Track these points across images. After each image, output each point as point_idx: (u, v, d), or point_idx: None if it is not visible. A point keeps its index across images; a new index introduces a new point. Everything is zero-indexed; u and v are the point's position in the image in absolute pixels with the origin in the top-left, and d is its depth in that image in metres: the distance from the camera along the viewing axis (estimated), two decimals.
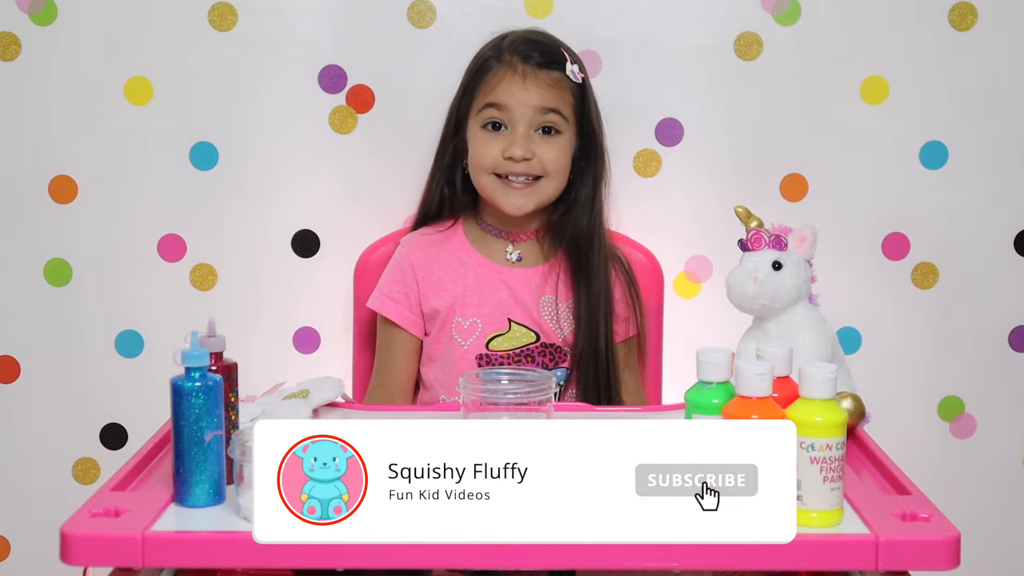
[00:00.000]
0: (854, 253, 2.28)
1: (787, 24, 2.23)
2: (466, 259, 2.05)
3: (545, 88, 1.98)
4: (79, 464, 2.29)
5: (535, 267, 2.04)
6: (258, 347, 2.23)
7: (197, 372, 1.36)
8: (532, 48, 2.00)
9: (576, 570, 1.37)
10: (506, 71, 1.98)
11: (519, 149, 1.96)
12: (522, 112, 1.97)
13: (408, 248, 2.06)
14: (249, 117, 2.23)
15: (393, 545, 1.28)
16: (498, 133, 1.99)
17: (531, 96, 1.97)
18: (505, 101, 1.97)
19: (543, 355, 2.01)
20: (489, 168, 1.99)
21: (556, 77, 1.99)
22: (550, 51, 2.01)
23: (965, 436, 2.33)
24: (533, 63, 1.98)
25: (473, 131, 2.02)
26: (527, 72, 1.98)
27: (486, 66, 2.00)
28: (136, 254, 2.25)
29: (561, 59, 2.00)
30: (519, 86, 1.97)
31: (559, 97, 1.99)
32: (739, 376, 1.34)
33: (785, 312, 1.63)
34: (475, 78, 2.01)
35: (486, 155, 1.99)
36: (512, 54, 1.99)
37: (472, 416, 1.61)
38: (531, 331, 2.02)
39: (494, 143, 1.99)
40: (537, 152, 1.98)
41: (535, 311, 2.02)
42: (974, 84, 2.25)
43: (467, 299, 2.02)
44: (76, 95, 2.21)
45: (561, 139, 2.00)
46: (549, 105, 1.98)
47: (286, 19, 2.21)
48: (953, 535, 1.28)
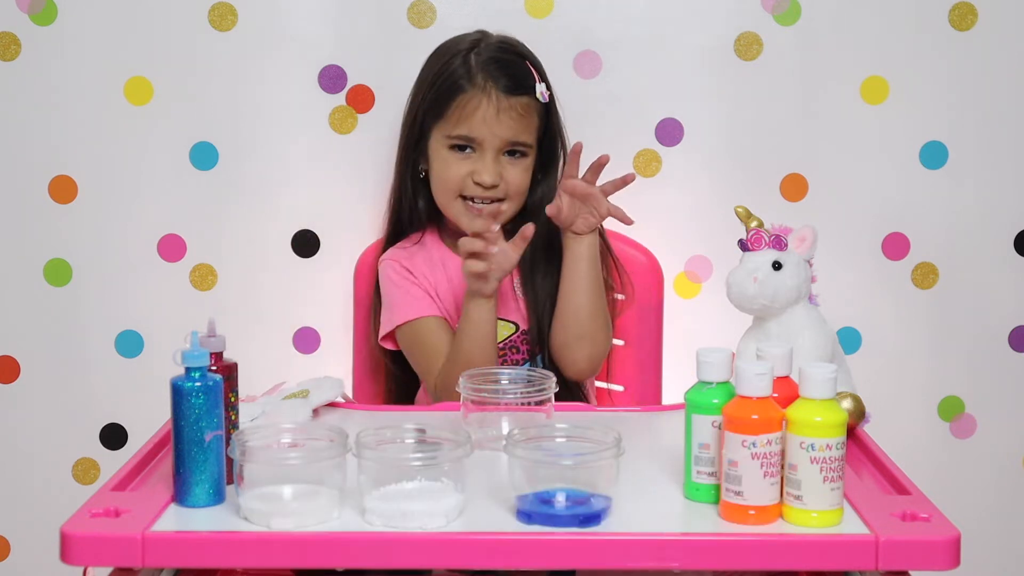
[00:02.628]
0: (854, 253, 2.28)
1: (787, 24, 2.23)
2: (445, 260, 2.06)
3: (516, 119, 1.99)
4: (79, 464, 2.29)
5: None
6: (258, 347, 2.23)
7: (197, 372, 1.36)
8: (502, 71, 1.99)
9: (576, 570, 1.37)
10: (480, 99, 1.97)
11: (488, 176, 1.98)
12: (492, 142, 1.99)
13: (394, 260, 2.05)
14: (249, 117, 2.23)
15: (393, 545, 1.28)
16: (465, 155, 2.00)
17: (503, 129, 1.98)
18: (478, 134, 1.98)
19: (525, 343, 2.02)
20: (457, 191, 2.01)
21: (526, 103, 2.00)
22: (520, 74, 2.01)
23: (965, 436, 2.33)
24: (504, 89, 1.98)
25: (438, 149, 2.02)
26: (500, 100, 1.98)
27: (457, 87, 1.99)
28: (136, 254, 2.25)
29: (530, 81, 2.01)
30: (492, 117, 1.98)
31: (527, 126, 2.01)
32: (739, 376, 1.34)
33: (785, 312, 1.63)
34: (444, 95, 2.00)
35: (455, 178, 2.00)
36: (485, 78, 1.98)
37: (472, 416, 1.61)
38: (510, 323, 2.03)
39: (463, 165, 2.00)
40: (504, 175, 2.00)
41: (513, 296, 2.04)
42: (974, 84, 2.25)
43: (454, 298, 2.03)
44: (76, 95, 2.21)
45: (526, 161, 2.03)
46: (519, 139, 2.00)
47: (286, 19, 2.21)
48: (953, 535, 1.28)
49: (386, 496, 1.32)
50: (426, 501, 1.31)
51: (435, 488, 1.33)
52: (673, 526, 1.35)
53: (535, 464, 1.33)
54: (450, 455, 1.34)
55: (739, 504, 1.32)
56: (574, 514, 1.31)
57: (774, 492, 1.33)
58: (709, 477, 1.39)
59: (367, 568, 1.29)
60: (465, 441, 1.35)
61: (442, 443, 1.37)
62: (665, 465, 1.50)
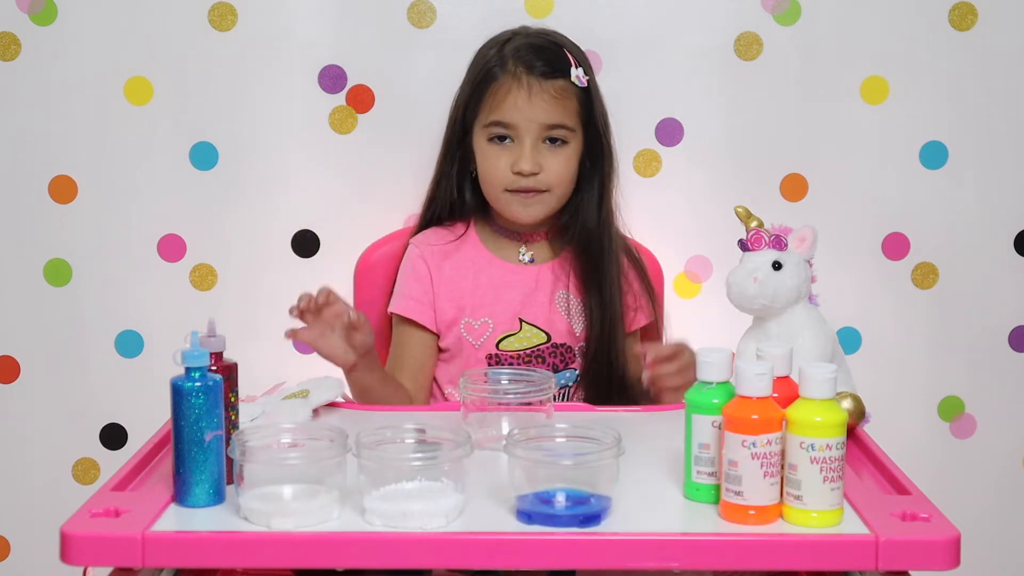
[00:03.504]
0: (854, 253, 2.28)
1: (787, 24, 2.23)
2: (479, 260, 2.04)
3: (551, 102, 1.95)
4: (79, 464, 2.29)
5: (547, 263, 2.04)
6: (258, 347, 2.22)
7: (197, 372, 1.36)
8: (536, 56, 1.97)
9: (576, 570, 1.37)
10: (511, 84, 1.95)
11: (527, 164, 1.95)
12: (528, 128, 1.95)
13: (422, 250, 2.05)
14: (249, 117, 2.23)
15: (393, 545, 1.28)
16: (504, 146, 1.98)
17: (537, 112, 1.95)
18: (511, 119, 1.95)
19: (554, 356, 2.01)
20: (502, 186, 1.98)
21: (561, 86, 1.96)
22: (554, 58, 1.98)
23: (965, 436, 2.33)
24: (538, 73, 1.95)
25: (479, 143, 2.00)
26: (532, 84, 1.95)
27: (490, 75, 1.97)
28: (136, 254, 2.25)
29: (566, 65, 1.98)
30: (524, 101, 1.95)
31: (564, 109, 1.97)
32: (739, 376, 1.34)
33: (785, 312, 1.63)
34: (479, 87, 1.98)
35: (496, 171, 1.97)
36: (516, 63, 1.96)
37: (472, 416, 1.61)
38: (542, 331, 2.01)
39: (502, 157, 1.97)
40: (544, 164, 1.96)
41: (550, 308, 2.01)
42: (974, 84, 2.25)
43: (479, 299, 2.02)
44: (76, 95, 2.21)
45: (568, 149, 1.98)
46: (555, 121, 1.96)
47: (286, 19, 2.21)
48: (953, 535, 1.28)
49: (386, 496, 1.31)
50: (426, 501, 1.31)
51: (435, 488, 1.33)
52: (673, 526, 1.35)
53: (535, 464, 1.33)
54: (450, 455, 1.34)
55: (739, 504, 1.32)
56: (574, 514, 1.31)
57: (774, 492, 1.33)
58: (709, 477, 1.39)
59: (367, 568, 1.29)
60: (465, 441, 1.35)
61: (442, 443, 1.37)
62: (665, 465, 1.50)
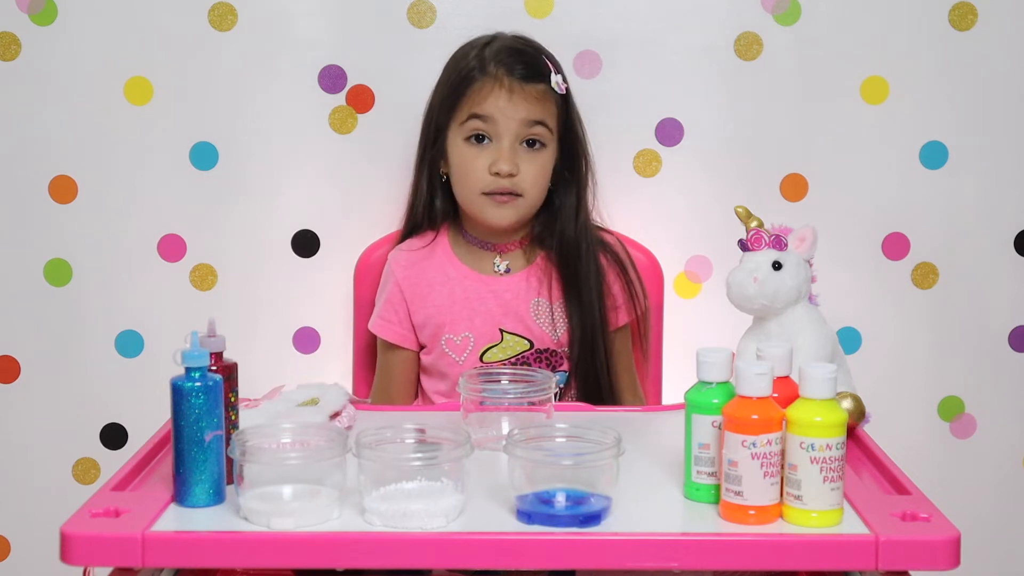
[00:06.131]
0: (854, 253, 2.28)
1: (787, 24, 2.23)
2: (453, 273, 2.04)
3: (532, 101, 1.96)
4: (79, 464, 2.29)
5: (521, 271, 2.04)
6: (258, 347, 2.23)
7: (197, 372, 1.36)
8: (516, 60, 1.97)
9: (576, 570, 1.37)
10: (492, 84, 1.96)
11: (505, 164, 1.95)
12: (508, 125, 1.96)
13: (395, 265, 2.06)
14: (249, 117, 2.23)
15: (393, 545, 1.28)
16: (483, 146, 1.98)
17: (518, 109, 1.95)
18: (491, 113, 1.95)
19: (539, 361, 2.01)
20: (478, 189, 1.98)
21: (541, 90, 1.97)
22: (534, 63, 1.99)
23: (965, 436, 2.33)
24: (518, 76, 1.96)
25: (456, 143, 2.00)
26: (513, 86, 1.95)
27: (470, 77, 1.97)
28: (136, 254, 2.25)
29: (546, 71, 1.99)
30: (505, 99, 1.95)
31: (545, 110, 1.98)
32: (739, 376, 1.34)
33: (785, 312, 1.63)
34: (457, 88, 1.98)
35: (473, 172, 1.97)
36: (497, 66, 1.97)
37: (472, 416, 1.61)
38: (524, 339, 2.01)
39: (480, 157, 1.97)
40: (521, 167, 1.96)
41: (527, 317, 2.01)
42: (974, 84, 2.25)
43: (457, 314, 2.01)
44: (76, 95, 2.21)
45: (544, 154, 1.99)
46: (536, 117, 1.96)
47: (286, 19, 2.21)
48: (953, 535, 1.28)
49: (386, 496, 1.32)
50: (426, 501, 1.31)
51: (435, 488, 1.33)
52: (673, 526, 1.35)
53: (535, 464, 1.33)
54: (450, 455, 1.34)
55: (739, 504, 1.32)
56: (574, 514, 1.31)
57: (774, 492, 1.33)
58: (709, 477, 1.39)
59: (367, 568, 1.29)
60: (465, 441, 1.35)
61: (442, 443, 1.38)
62: (665, 465, 1.50)
